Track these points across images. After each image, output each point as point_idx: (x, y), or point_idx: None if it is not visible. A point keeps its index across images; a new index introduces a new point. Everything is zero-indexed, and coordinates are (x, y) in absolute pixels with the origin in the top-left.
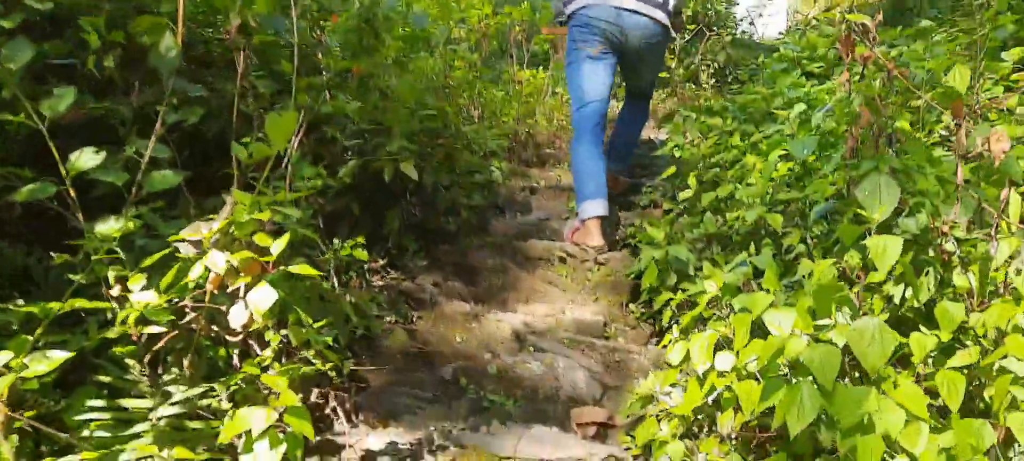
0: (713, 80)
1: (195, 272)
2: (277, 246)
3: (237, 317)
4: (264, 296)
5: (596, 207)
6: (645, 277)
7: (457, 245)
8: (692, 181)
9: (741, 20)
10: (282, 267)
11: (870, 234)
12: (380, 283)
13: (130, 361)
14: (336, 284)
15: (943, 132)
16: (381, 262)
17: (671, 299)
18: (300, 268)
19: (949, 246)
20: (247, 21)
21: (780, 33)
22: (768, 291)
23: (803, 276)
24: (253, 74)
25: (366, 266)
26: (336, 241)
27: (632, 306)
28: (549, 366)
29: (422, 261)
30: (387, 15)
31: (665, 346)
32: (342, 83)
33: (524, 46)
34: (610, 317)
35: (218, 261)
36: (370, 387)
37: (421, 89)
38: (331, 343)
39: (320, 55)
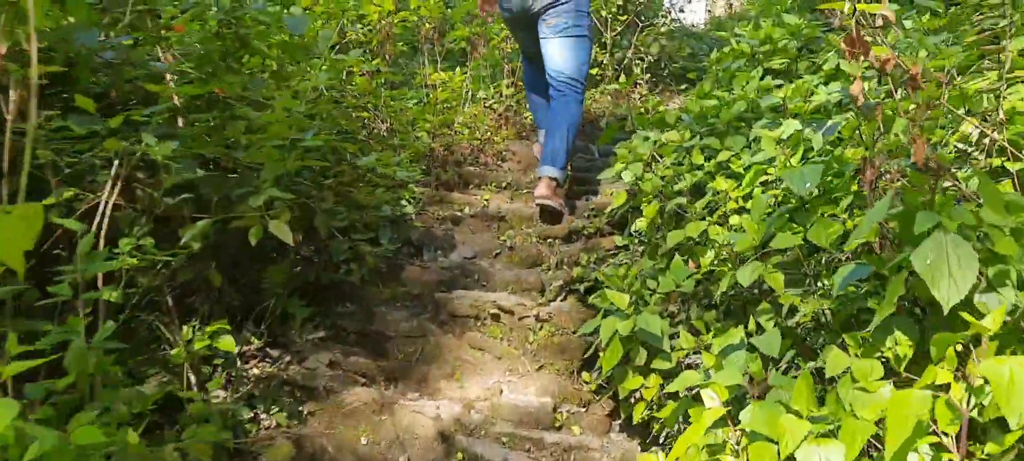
0: (648, 75)
1: None
2: None
3: None
4: None
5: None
6: (606, 357)
7: (361, 304)
8: (649, 211)
9: (669, 9)
10: None
11: (975, 350)
12: (257, 371)
13: None
14: (194, 383)
15: (959, 144)
16: (257, 342)
17: (643, 386)
18: None
19: None
20: (19, 43)
21: (703, 23)
22: (799, 413)
23: (837, 376)
24: (49, 111)
25: (236, 352)
26: (187, 329)
27: (586, 375)
28: None
29: (314, 332)
30: (256, 17)
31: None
32: (197, 111)
33: (436, 44)
34: (559, 394)
35: None
36: None
37: (302, 115)
38: None
39: (168, 76)
